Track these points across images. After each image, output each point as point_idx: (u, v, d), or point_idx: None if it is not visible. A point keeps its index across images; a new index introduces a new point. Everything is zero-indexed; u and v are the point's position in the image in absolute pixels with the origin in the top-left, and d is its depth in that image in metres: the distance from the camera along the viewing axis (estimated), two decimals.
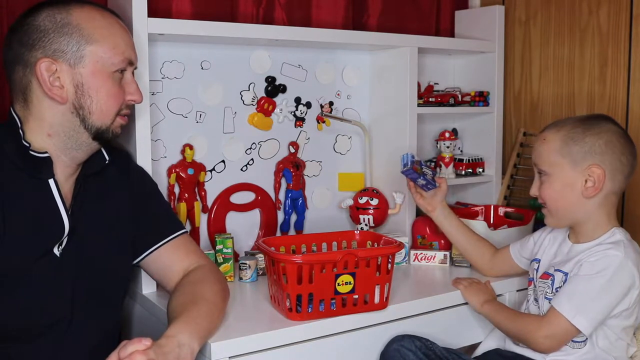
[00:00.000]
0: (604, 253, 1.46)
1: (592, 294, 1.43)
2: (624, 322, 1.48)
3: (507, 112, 2.42)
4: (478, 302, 1.66)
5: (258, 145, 2.03)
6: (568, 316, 1.44)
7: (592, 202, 1.51)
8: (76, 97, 1.27)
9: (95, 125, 1.31)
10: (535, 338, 1.48)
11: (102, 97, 1.29)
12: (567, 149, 1.51)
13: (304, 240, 1.72)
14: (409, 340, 1.55)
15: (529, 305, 1.60)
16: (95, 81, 1.28)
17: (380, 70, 2.17)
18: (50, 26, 1.25)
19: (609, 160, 1.49)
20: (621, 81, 2.10)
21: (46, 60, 1.24)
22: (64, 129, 1.29)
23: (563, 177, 1.52)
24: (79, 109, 1.28)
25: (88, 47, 1.27)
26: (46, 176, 1.29)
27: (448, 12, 2.46)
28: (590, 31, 2.17)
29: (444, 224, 1.86)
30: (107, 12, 1.34)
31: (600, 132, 1.50)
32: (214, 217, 1.94)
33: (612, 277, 1.43)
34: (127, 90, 1.35)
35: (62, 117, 1.28)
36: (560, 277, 1.52)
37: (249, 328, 1.43)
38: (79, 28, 1.26)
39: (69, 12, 1.27)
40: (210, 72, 1.91)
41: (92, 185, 1.38)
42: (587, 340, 1.48)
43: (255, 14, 2.02)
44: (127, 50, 1.34)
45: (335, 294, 1.49)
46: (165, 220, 1.53)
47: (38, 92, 1.27)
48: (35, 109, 1.28)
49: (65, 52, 1.25)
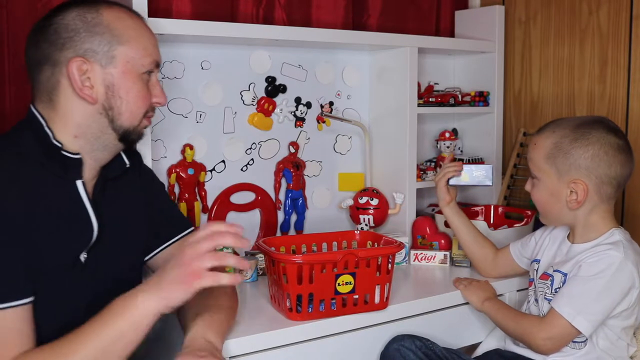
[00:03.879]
0: (604, 254, 1.46)
1: (592, 295, 1.43)
2: (624, 322, 1.48)
3: (507, 112, 2.42)
4: (479, 300, 1.66)
5: (258, 145, 2.03)
6: (568, 318, 1.43)
7: (580, 210, 1.51)
8: (106, 97, 1.25)
9: (124, 126, 1.28)
10: (535, 340, 1.48)
11: (131, 98, 1.27)
12: (553, 159, 1.50)
13: (304, 240, 1.72)
14: (409, 340, 1.55)
15: (530, 306, 1.60)
16: (126, 82, 1.26)
17: (380, 70, 2.17)
18: (81, 25, 1.23)
19: (595, 174, 1.47)
20: (621, 81, 2.10)
21: (78, 59, 1.22)
22: (92, 130, 1.27)
23: (550, 184, 1.52)
24: (109, 109, 1.26)
25: (119, 48, 1.25)
26: (74, 177, 1.26)
27: (448, 12, 2.46)
28: (590, 31, 2.17)
29: (453, 220, 1.83)
30: (134, 13, 1.32)
31: (587, 145, 1.47)
32: (214, 217, 1.94)
33: (612, 278, 1.43)
34: (153, 92, 1.33)
35: (91, 118, 1.26)
36: (559, 278, 1.52)
37: (249, 328, 1.43)
38: (110, 28, 1.24)
39: (98, 11, 1.25)
40: (210, 72, 1.91)
41: (110, 189, 1.36)
42: (587, 340, 1.47)
43: (255, 14, 2.02)
44: (155, 52, 1.32)
45: (336, 294, 1.49)
46: (174, 218, 1.52)
47: (67, 92, 1.24)
48: (62, 110, 1.25)
49: (96, 51, 1.23)
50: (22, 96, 1.68)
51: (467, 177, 1.82)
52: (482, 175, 1.81)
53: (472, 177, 1.82)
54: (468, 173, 1.82)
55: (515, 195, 2.37)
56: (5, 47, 1.65)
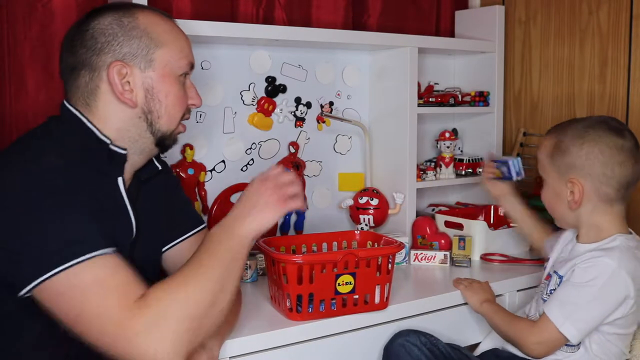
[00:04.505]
0: (596, 260, 1.43)
1: (581, 303, 1.42)
2: (618, 330, 1.47)
3: (507, 112, 2.42)
4: (477, 301, 1.66)
5: (258, 145, 2.03)
6: (557, 323, 1.43)
7: (582, 210, 1.51)
8: (146, 101, 1.25)
9: (162, 130, 1.29)
10: (527, 344, 1.48)
11: (170, 101, 1.28)
12: (553, 159, 1.52)
13: (304, 240, 1.72)
14: (414, 336, 1.56)
15: (532, 304, 1.61)
16: (165, 85, 1.26)
17: (380, 70, 2.17)
18: (118, 30, 1.23)
19: (589, 172, 1.47)
20: (621, 81, 2.10)
21: (118, 64, 1.22)
22: (130, 134, 1.27)
23: (552, 184, 1.54)
24: (148, 113, 1.26)
25: (157, 51, 1.25)
26: (118, 173, 1.27)
27: (448, 12, 2.46)
28: (590, 31, 2.17)
29: (510, 212, 1.86)
30: (167, 17, 1.33)
31: (582, 143, 1.47)
32: (214, 217, 1.94)
33: (603, 287, 1.41)
34: (189, 94, 1.34)
35: (130, 122, 1.26)
36: (555, 280, 1.51)
37: (249, 328, 1.43)
38: (147, 32, 1.25)
39: (134, 16, 1.25)
40: (210, 72, 1.91)
41: (143, 191, 1.37)
42: (581, 344, 1.47)
43: (255, 14, 2.02)
44: (190, 54, 1.33)
45: (336, 294, 1.49)
46: (188, 214, 1.53)
47: (106, 97, 1.24)
48: (101, 114, 1.25)
49: (135, 55, 1.23)
50: (22, 96, 1.68)
51: (498, 173, 1.84)
52: (506, 170, 1.83)
53: (503, 173, 1.84)
54: (500, 169, 1.84)
55: None
56: (5, 47, 1.65)
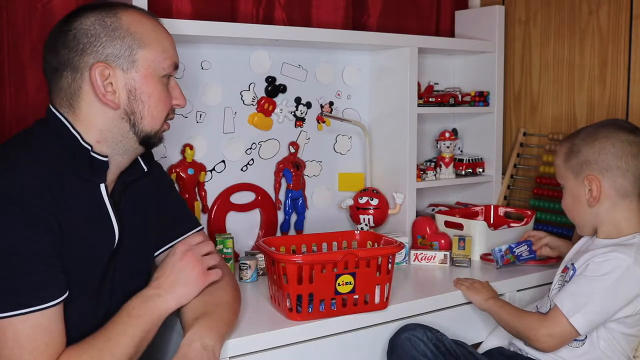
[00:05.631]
0: (611, 255, 1.45)
1: (593, 295, 1.43)
2: (625, 328, 1.47)
3: (507, 112, 2.42)
4: (482, 299, 1.66)
5: (258, 145, 2.03)
6: (567, 314, 1.44)
7: (602, 209, 1.53)
8: (128, 102, 1.24)
9: (145, 130, 1.28)
10: (536, 336, 1.48)
11: (153, 102, 1.27)
12: (568, 162, 1.56)
13: (304, 240, 1.71)
14: (421, 330, 1.56)
15: (544, 299, 1.61)
16: (148, 86, 1.25)
17: (380, 70, 2.17)
18: (101, 30, 1.21)
19: (603, 166, 1.50)
20: (621, 81, 2.10)
21: (100, 65, 1.21)
22: (113, 135, 1.26)
23: (571, 189, 1.57)
24: (131, 114, 1.25)
25: (140, 52, 1.24)
26: (100, 180, 1.26)
27: (448, 12, 2.46)
28: (590, 31, 2.17)
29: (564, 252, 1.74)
30: (151, 15, 1.31)
31: (594, 140, 1.52)
32: (214, 217, 1.94)
33: (617, 281, 1.43)
34: (173, 94, 1.32)
35: (112, 123, 1.25)
36: (569, 273, 1.52)
37: (249, 328, 1.43)
38: (130, 32, 1.23)
39: (117, 15, 1.24)
40: (210, 72, 1.91)
41: (128, 193, 1.35)
42: (587, 339, 1.47)
43: (255, 14, 2.02)
44: (174, 54, 1.32)
45: (336, 294, 1.49)
46: (182, 216, 1.52)
47: (89, 98, 1.23)
48: (84, 115, 1.24)
49: (118, 56, 1.22)
50: (22, 96, 1.68)
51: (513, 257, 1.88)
52: (527, 251, 1.88)
53: (518, 257, 1.88)
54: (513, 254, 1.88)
55: (515, 195, 2.37)
56: (5, 47, 1.65)
